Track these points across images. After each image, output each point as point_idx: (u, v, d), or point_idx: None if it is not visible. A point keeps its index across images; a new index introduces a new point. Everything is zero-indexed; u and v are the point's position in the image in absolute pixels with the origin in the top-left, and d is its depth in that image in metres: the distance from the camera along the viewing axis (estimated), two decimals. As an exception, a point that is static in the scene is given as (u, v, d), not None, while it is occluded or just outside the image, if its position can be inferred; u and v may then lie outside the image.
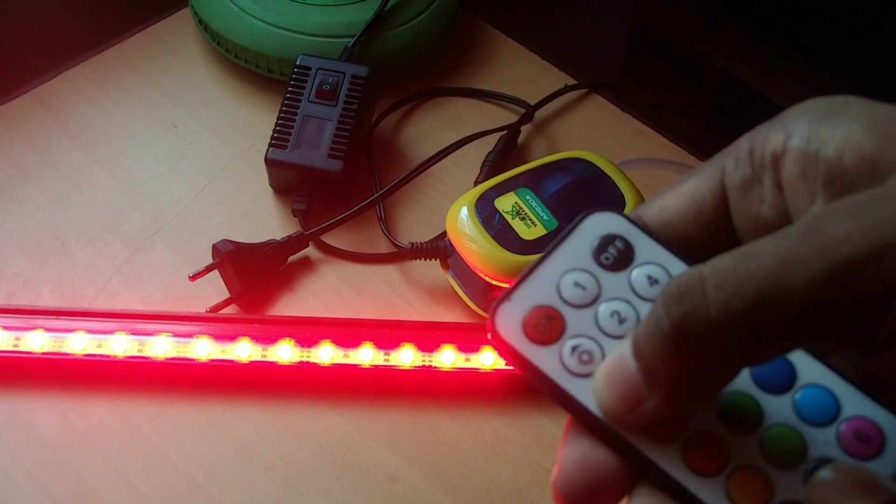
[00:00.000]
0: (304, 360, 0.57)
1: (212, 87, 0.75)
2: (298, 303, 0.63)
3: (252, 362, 0.57)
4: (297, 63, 0.68)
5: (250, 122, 0.72)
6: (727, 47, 0.91)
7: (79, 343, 0.57)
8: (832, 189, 0.27)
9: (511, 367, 0.29)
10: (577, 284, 0.29)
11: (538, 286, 0.29)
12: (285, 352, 0.57)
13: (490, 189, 0.61)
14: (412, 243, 0.63)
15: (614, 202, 0.61)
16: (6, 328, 0.57)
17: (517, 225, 0.59)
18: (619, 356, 0.27)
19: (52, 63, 0.75)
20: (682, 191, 0.30)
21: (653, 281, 0.29)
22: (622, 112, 0.75)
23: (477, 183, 0.67)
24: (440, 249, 0.62)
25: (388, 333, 0.58)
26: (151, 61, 0.76)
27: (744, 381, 0.28)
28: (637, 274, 0.29)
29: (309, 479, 0.56)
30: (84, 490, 0.55)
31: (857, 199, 0.25)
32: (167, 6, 0.80)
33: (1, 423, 0.57)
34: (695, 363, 0.25)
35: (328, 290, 0.64)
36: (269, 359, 0.57)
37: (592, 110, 0.75)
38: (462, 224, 0.59)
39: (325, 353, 0.57)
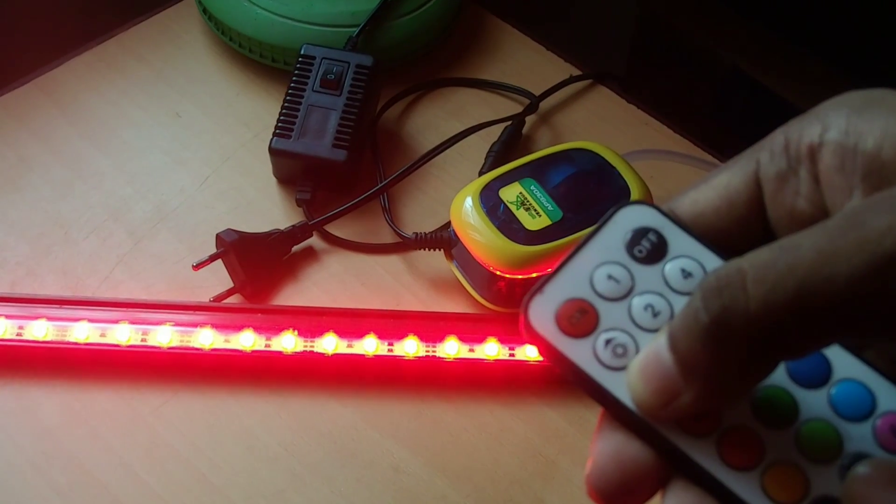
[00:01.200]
0: (308, 350, 0.57)
1: (216, 77, 0.74)
2: (302, 293, 0.63)
3: (255, 352, 0.57)
4: (302, 52, 0.68)
5: (254, 111, 0.72)
6: (731, 39, 0.90)
7: (82, 332, 0.57)
8: (870, 182, 0.27)
9: (544, 360, 0.29)
10: (610, 277, 0.29)
11: (571, 279, 0.29)
12: (289, 342, 0.57)
13: (495, 179, 0.61)
14: (416, 233, 0.63)
15: (619, 193, 0.60)
16: (9, 317, 0.57)
17: (522, 215, 0.59)
18: (654, 349, 0.27)
19: (56, 52, 0.75)
20: (715, 184, 0.30)
21: (686, 274, 0.29)
22: (627, 103, 0.75)
23: (481, 173, 0.67)
24: (444, 240, 0.62)
25: (391, 324, 0.58)
26: (155, 51, 0.76)
27: (779, 375, 0.28)
28: (671, 267, 0.29)
29: (312, 469, 0.55)
30: (87, 479, 0.54)
31: None
32: (171, -5, 0.80)
33: (4, 413, 0.57)
34: (733, 357, 0.25)
35: (332, 280, 0.64)
36: (273, 349, 0.57)
37: (597, 101, 0.75)
38: (466, 214, 0.59)
39: (329, 343, 0.57)
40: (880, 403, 0.27)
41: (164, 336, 0.57)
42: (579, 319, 0.28)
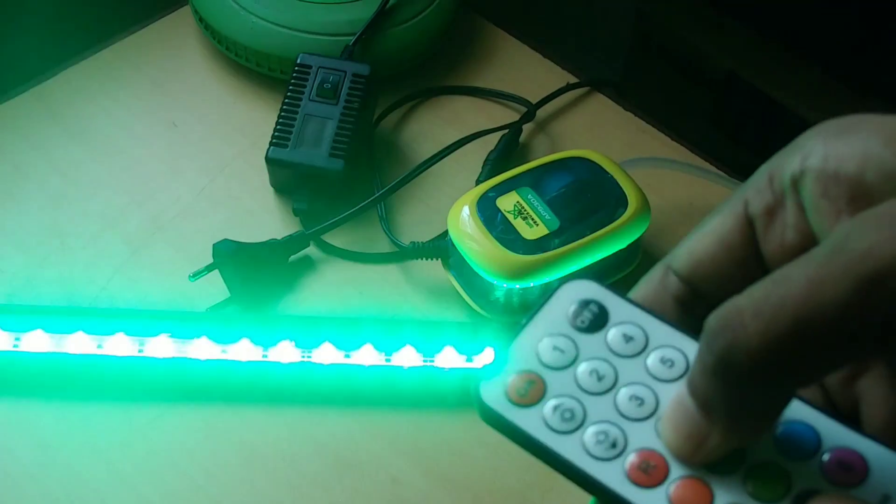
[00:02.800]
0: (305, 360, 0.57)
1: (212, 86, 0.74)
2: (299, 302, 0.63)
3: (252, 362, 0.57)
4: (298, 61, 0.68)
5: (251, 120, 0.72)
6: (728, 46, 0.90)
7: (79, 343, 0.57)
8: (857, 206, 0.27)
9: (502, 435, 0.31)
10: (555, 348, 0.30)
11: (519, 353, 0.30)
12: (286, 351, 0.57)
13: (492, 188, 0.61)
14: (413, 243, 0.62)
15: (616, 201, 0.60)
16: (6, 328, 0.57)
17: (519, 224, 0.59)
18: (678, 398, 0.28)
19: (52, 61, 0.75)
20: (708, 230, 0.30)
21: (628, 339, 0.30)
22: (624, 111, 0.75)
23: (479, 182, 0.67)
24: (442, 249, 0.62)
25: (389, 333, 0.58)
26: (152, 60, 0.76)
27: None
28: (613, 334, 0.30)
29: (310, 481, 0.55)
30: (84, 491, 0.54)
31: (878, 210, 0.25)
32: (167, 4, 0.80)
33: (1, 424, 0.56)
34: (744, 393, 0.26)
35: (329, 289, 0.63)
36: (270, 359, 0.57)
37: (594, 109, 0.75)
38: (464, 223, 0.59)
39: (326, 354, 0.57)
40: (825, 440, 0.28)
41: (161, 346, 0.57)
42: (528, 390, 0.30)
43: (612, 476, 0.28)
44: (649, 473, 0.28)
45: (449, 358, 0.57)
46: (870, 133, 0.27)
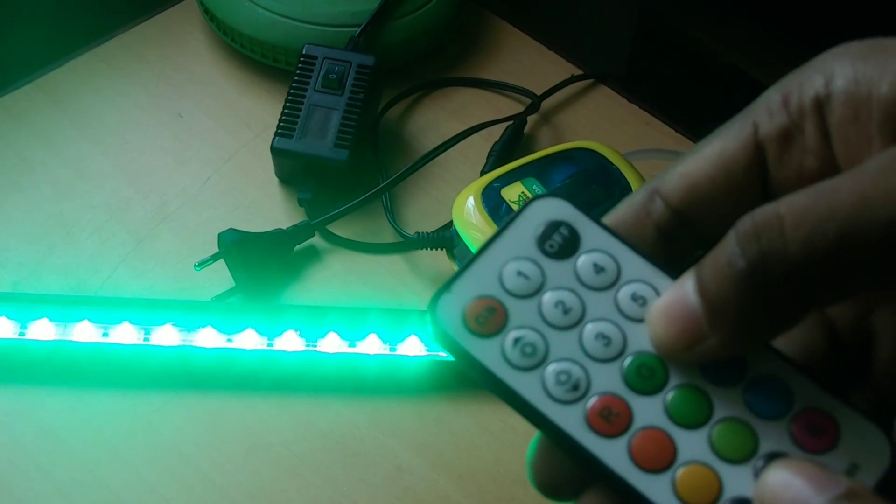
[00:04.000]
0: (310, 349, 0.57)
1: (217, 77, 0.75)
2: (304, 292, 0.63)
3: (257, 351, 0.57)
4: (303, 52, 0.68)
5: (256, 111, 0.72)
6: (732, 38, 0.90)
7: (84, 332, 0.57)
8: (889, 130, 0.25)
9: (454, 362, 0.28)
10: (519, 273, 0.28)
11: (480, 276, 0.28)
12: (291, 341, 0.57)
13: (497, 179, 0.61)
14: (418, 233, 0.63)
15: (621, 192, 0.60)
16: (12, 317, 0.57)
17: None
18: (679, 293, 0.26)
19: (57, 52, 0.75)
20: (706, 154, 0.28)
21: (599, 269, 0.28)
22: (629, 103, 0.75)
23: (483, 173, 0.67)
24: (446, 239, 0.62)
25: (393, 323, 0.58)
26: (157, 51, 0.76)
27: (692, 373, 0.27)
28: (583, 262, 0.28)
29: (314, 469, 0.55)
30: (90, 479, 0.54)
31: None
32: (172, -5, 0.80)
33: (7, 412, 0.57)
34: (767, 302, 0.25)
35: (334, 279, 0.64)
36: (275, 348, 0.57)
37: (599, 101, 0.75)
38: (469, 214, 0.59)
39: (331, 343, 0.57)
40: (797, 400, 0.27)
41: (166, 336, 0.57)
42: (487, 318, 0.27)
43: (571, 420, 0.27)
44: (611, 421, 0.27)
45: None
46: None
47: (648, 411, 0.27)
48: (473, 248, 0.59)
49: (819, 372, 0.27)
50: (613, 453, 0.26)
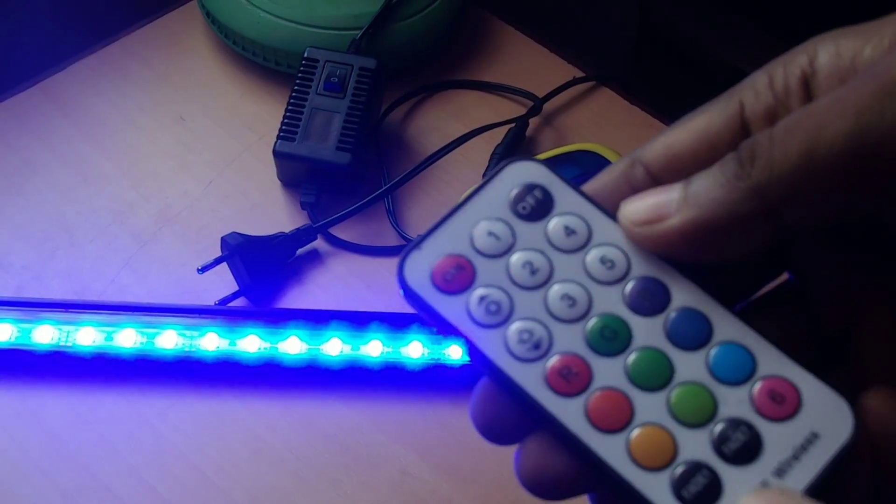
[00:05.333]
0: (313, 352, 0.57)
1: (219, 80, 0.75)
2: (307, 295, 0.63)
3: (260, 355, 0.57)
4: (305, 55, 0.68)
5: (258, 114, 0.72)
6: (733, 41, 0.90)
7: (87, 336, 0.57)
8: None
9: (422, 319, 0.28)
10: (490, 234, 0.28)
11: (451, 235, 0.28)
12: (294, 345, 0.57)
13: (499, 182, 0.61)
14: (421, 236, 0.62)
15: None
16: (15, 321, 0.57)
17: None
18: (665, 186, 0.27)
19: (60, 56, 0.75)
20: (691, 127, 0.28)
21: (570, 231, 0.28)
22: (630, 105, 0.75)
23: (485, 175, 0.67)
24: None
25: (397, 326, 0.58)
26: (159, 54, 0.76)
27: (656, 335, 0.27)
28: (554, 224, 0.28)
29: (318, 473, 0.55)
30: (93, 483, 0.55)
31: None
32: (174, -2, 0.80)
33: (10, 416, 0.57)
34: (737, 202, 0.25)
35: (337, 282, 0.64)
36: (278, 351, 0.57)
37: (601, 103, 0.75)
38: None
39: (334, 346, 0.57)
40: (760, 367, 0.27)
41: (170, 339, 0.57)
42: (455, 276, 0.28)
43: (530, 378, 0.27)
44: (569, 380, 0.27)
45: (457, 351, 0.57)
46: (877, 26, 0.26)
47: (608, 372, 0.27)
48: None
49: (797, 354, 0.27)
50: (570, 412, 0.26)
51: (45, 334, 0.57)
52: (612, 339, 0.27)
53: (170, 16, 0.79)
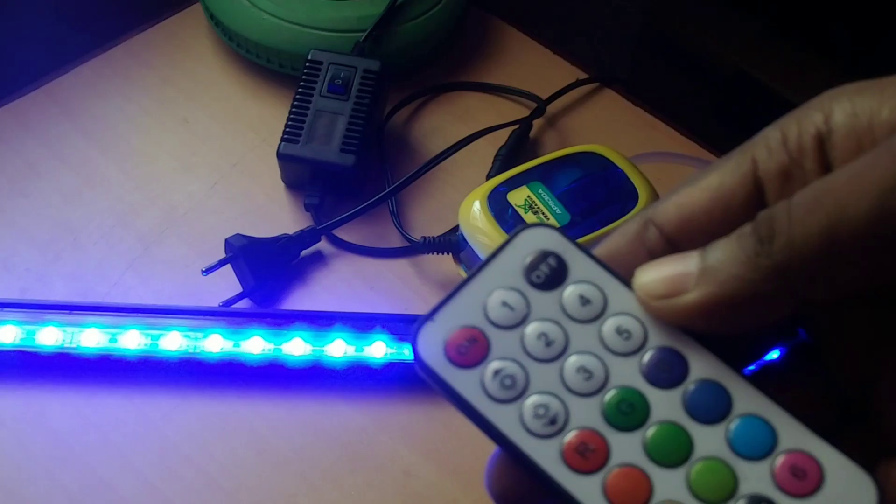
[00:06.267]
0: (317, 354, 0.57)
1: (223, 83, 0.75)
2: (311, 297, 0.63)
3: (264, 356, 0.57)
4: (309, 58, 0.68)
5: (262, 117, 0.72)
6: (736, 42, 0.90)
7: (92, 338, 0.57)
8: None
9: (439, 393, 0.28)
10: (504, 304, 0.28)
11: (465, 305, 0.28)
12: (298, 346, 0.57)
13: (502, 183, 0.61)
14: (424, 237, 0.63)
15: (627, 196, 0.61)
16: (20, 322, 0.57)
17: (530, 219, 0.59)
18: (681, 255, 0.27)
19: (63, 59, 0.75)
20: (704, 186, 0.28)
21: (585, 301, 0.28)
22: (634, 106, 0.75)
23: (489, 177, 0.67)
24: (453, 244, 0.62)
25: (400, 328, 0.58)
26: (162, 57, 0.76)
27: (674, 409, 0.27)
28: (569, 293, 0.28)
29: (322, 474, 0.55)
30: (98, 484, 0.55)
31: None
32: (179, 1, 0.80)
33: (15, 418, 0.57)
34: (758, 281, 0.25)
35: (341, 284, 0.64)
36: (282, 353, 0.57)
37: (604, 104, 0.75)
38: (475, 218, 0.59)
39: (338, 348, 0.57)
40: (781, 441, 0.26)
41: (174, 341, 0.57)
42: (468, 349, 0.27)
43: (547, 455, 0.26)
44: (587, 457, 0.26)
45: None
46: (894, 84, 0.26)
47: (626, 448, 0.26)
48: (479, 252, 0.59)
49: (813, 416, 0.27)
50: (588, 490, 0.26)
51: (50, 336, 0.57)
52: (629, 413, 0.27)
53: (173, 19, 0.79)
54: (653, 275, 0.27)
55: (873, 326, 0.28)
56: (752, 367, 0.28)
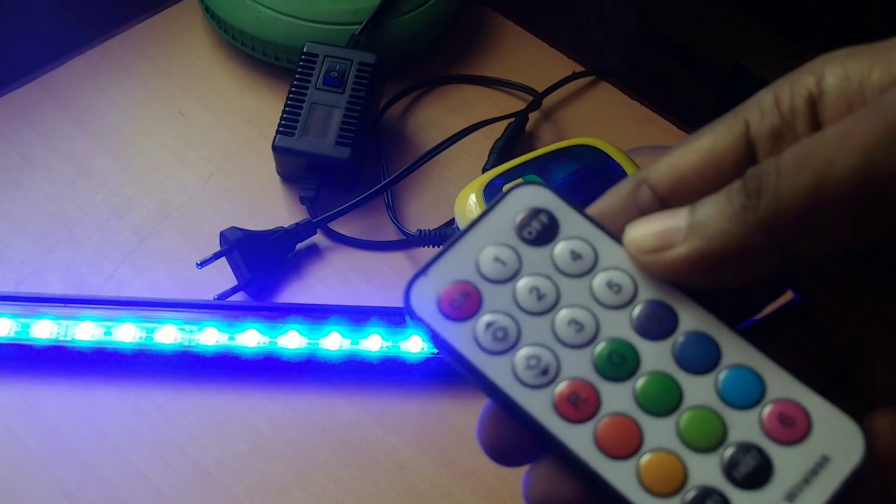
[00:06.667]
0: (313, 347, 0.57)
1: (219, 75, 0.74)
2: (306, 290, 0.63)
3: (260, 349, 0.57)
4: (305, 50, 0.68)
5: (258, 109, 0.72)
6: (733, 35, 0.90)
7: (86, 331, 0.57)
8: None
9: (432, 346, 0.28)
10: (496, 259, 0.28)
11: (457, 261, 0.28)
12: (293, 339, 0.57)
13: (498, 176, 0.61)
14: (420, 230, 0.63)
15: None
16: (14, 315, 0.57)
17: (526, 212, 0.59)
18: (670, 211, 0.27)
19: (59, 51, 0.75)
20: (697, 147, 0.28)
21: (576, 256, 0.28)
22: (630, 99, 0.75)
23: (485, 170, 0.67)
24: (448, 237, 0.62)
25: (396, 321, 0.58)
26: (158, 49, 0.76)
27: (664, 360, 0.27)
28: (560, 249, 0.28)
29: (317, 467, 0.55)
30: (93, 478, 0.55)
31: None
32: (173, -7, 0.80)
33: (10, 412, 0.57)
34: (746, 235, 0.25)
35: (336, 277, 0.64)
36: (277, 346, 0.57)
37: (600, 97, 0.75)
38: (470, 211, 0.59)
39: (334, 341, 0.57)
40: (770, 390, 0.27)
41: (169, 334, 0.57)
42: (461, 302, 0.28)
43: (539, 405, 0.27)
44: (578, 406, 0.27)
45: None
46: (887, 48, 0.26)
47: (617, 398, 0.27)
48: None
49: (802, 376, 0.27)
50: (579, 439, 0.26)
51: (45, 329, 0.57)
52: (620, 364, 0.27)
53: (169, 11, 0.79)
54: (643, 230, 0.27)
55: (862, 285, 0.28)
56: (742, 327, 0.29)
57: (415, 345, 0.57)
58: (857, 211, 0.24)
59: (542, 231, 0.29)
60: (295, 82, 0.67)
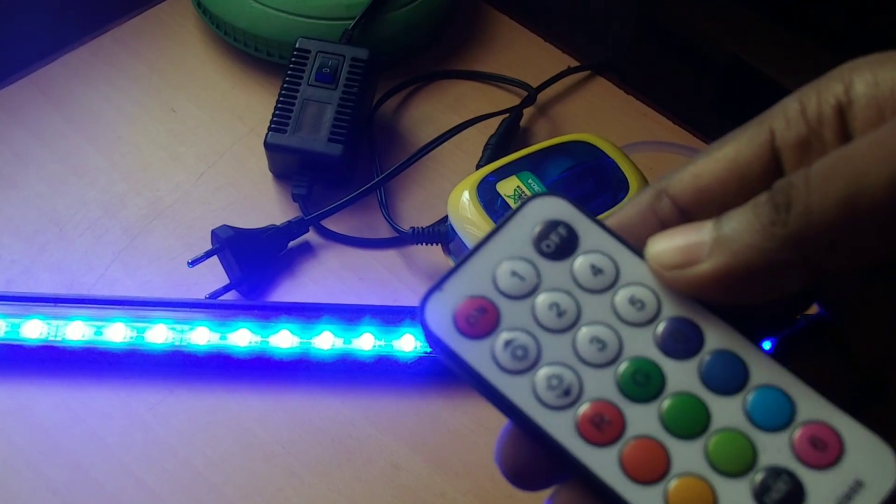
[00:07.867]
0: (305, 346, 0.57)
1: (211, 71, 0.74)
2: (299, 288, 0.62)
3: (252, 349, 0.57)
4: (297, 46, 0.67)
5: (250, 106, 0.72)
6: (731, 28, 0.90)
7: (77, 330, 0.57)
8: None
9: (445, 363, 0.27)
10: (514, 274, 0.27)
11: (473, 275, 0.27)
12: (285, 338, 0.57)
13: (492, 173, 0.60)
14: (413, 228, 0.62)
15: (618, 185, 0.60)
16: (4, 315, 0.57)
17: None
18: (694, 224, 0.26)
19: (50, 47, 0.75)
20: (720, 156, 0.27)
21: (596, 271, 0.27)
22: (626, 94, 0.74)
23: (479, 167, 0.66)
24: (442, 234, 0.61)
25: (389, 320, 0.57)
26: (150, 45, 0.75)
27: (690, 380, 0.26)
28: (580, 263, 0.27)
29: (310, 467, 0.55)
30: (84, 478, 0.54)
31: None
32: (165, -11, 0.79)
33: (0, 412, 0.56)
34: (772, 250, 0.25)
35: (329, 275, 0.63)
36: (269, 345, 0.57)
37: (596, 93, 0.74)
38: (464, 208, 0.59)
39: (326, 340, 0.57)
40: (800, 412, 0.26)
41: (160, 333, 0.57)
42: (478, 319, 0.27)
43: (561, 427, 0.26)
44: (602, 429, 0.26)
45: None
46: None
47: (642, 419, 0.26)
48: (468, 242, 0.58)
49: (830, 393, 0.26)
50: (604, 463, 0.25)
51: (35, 329, 0.56)
52: (644, 384, 0.26)
53: (161, 7, 0.78)
54: (665, 244, 0.27)
55: (891, 300, 0.27)
56: (767, 343, 0.28)
57: (408, 344, 0.57)
58: (890, 223, 0.23)
59: (560, 244, 0.28)
60: (287, 78, 0.66)
